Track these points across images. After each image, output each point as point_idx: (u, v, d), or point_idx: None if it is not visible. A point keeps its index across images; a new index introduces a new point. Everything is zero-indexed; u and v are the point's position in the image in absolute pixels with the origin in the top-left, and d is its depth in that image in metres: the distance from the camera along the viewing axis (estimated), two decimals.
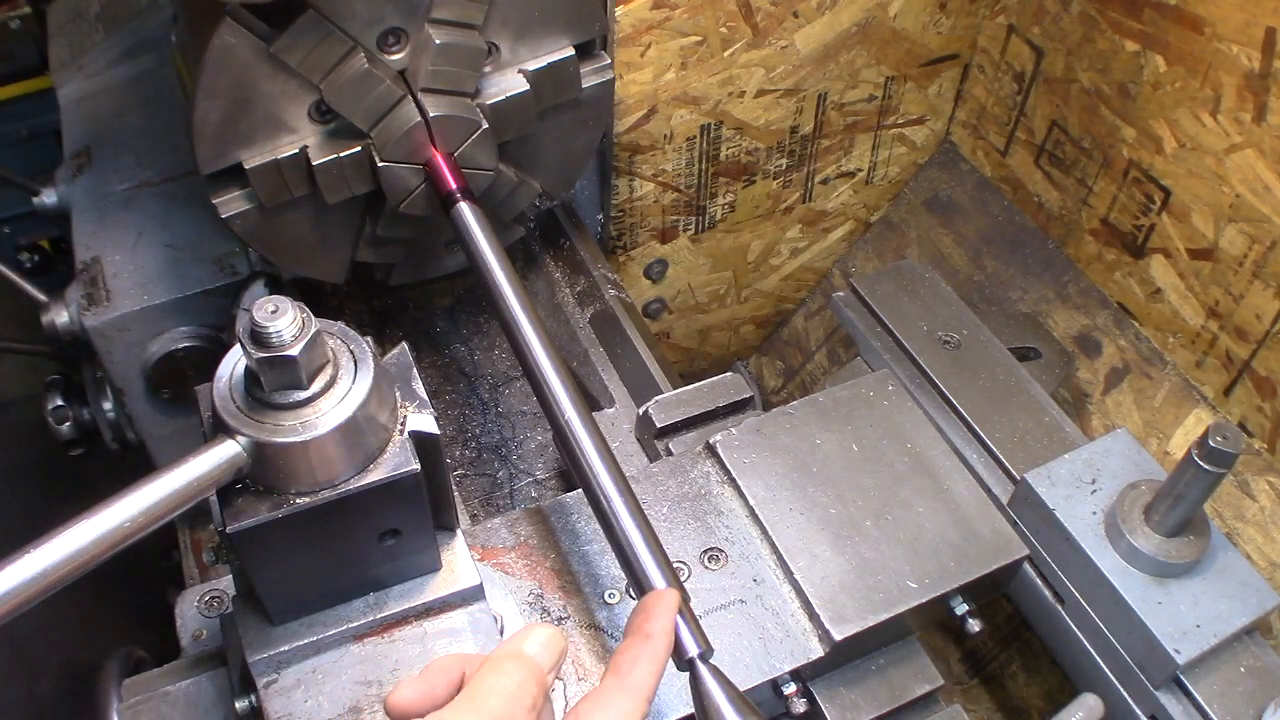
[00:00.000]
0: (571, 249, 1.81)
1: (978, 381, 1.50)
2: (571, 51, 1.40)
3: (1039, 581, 1.33)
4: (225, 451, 0.86)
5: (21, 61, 2.46)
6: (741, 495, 1.29)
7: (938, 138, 2.19)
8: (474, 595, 1.06)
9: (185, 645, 1.25)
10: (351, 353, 0.91)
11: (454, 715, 0.80)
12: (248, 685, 1.04)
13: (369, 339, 0.93)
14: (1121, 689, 1.27)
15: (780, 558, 1.24)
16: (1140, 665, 1.23)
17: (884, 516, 1.28)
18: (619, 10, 1.65)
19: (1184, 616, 1.21)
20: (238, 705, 1.07)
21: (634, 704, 0.84)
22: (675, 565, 1.05)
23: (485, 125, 1.34)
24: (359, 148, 1.30)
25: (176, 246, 1.61)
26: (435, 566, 1.05)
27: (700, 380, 1.47)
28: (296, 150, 1.29)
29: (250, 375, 0.88)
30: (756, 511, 1.27)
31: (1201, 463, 1.14)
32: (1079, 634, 1.30)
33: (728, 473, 1.31)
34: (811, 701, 1.21)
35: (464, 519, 1.40)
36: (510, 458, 1.61)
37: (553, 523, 1.27)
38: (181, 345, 1.59)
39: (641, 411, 1.45)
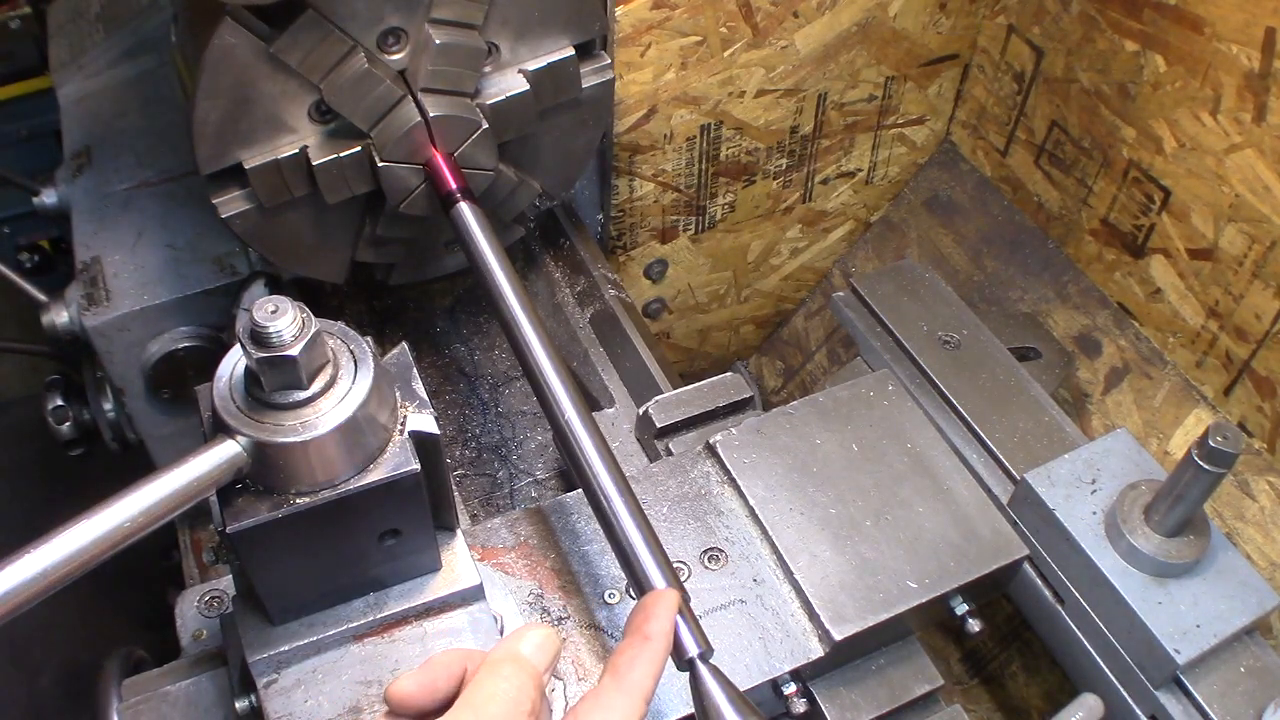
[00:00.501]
0: (571, 249, 1.81)
1: (978, 381, 1.50)
2: (571, 51, 1.40)
3: (1039, 581, 1.33)
4: (225, 451, 0.86)
5: (21, 61, 2.46)
6: (741, 495, 1.29)
7: (938, 138, 2.19)
8: (474, 595, 1.06)
9: (185, 645, 1.25)
10: (351, 353, 0.91)
11: None
12: (248, 685, 1.04)
13: (369, 339, 0.93)
14: (1121, 689, 1.27)
15: (780, 558, 1.24)
16: (1140, 665, 1.23)
17: (884, 516, 1.28)
18: (619, 10, 1.65)
19: (1184, 616, 1.20)
20: (238, 705, 1.07)
21: (632, 704, 0.84)
22: (675, 565, 1.05)
23: (485, 125, 1.34)
24: (359, 148, 1.30)
25: (176, 246, 1.61)
26: (435, 566, 1.05)
27: (700, 380, 1.47)
28: (296, 150, 1.29)
29: (250, 375, 0.88)
30: (756, 511, 1.27)
31: (1201, 463, 1.14)
32: (1079, 634, 1.30)
33: (728, 473, 1.31)
34: (811, 701, 1.21)
35: (464, 519, 1.40)
36: (510, 458, 1.61)
37: (553, 523, 1.27)
38: (181, 345, 1.59)
39: (641, 411, 1.45)
